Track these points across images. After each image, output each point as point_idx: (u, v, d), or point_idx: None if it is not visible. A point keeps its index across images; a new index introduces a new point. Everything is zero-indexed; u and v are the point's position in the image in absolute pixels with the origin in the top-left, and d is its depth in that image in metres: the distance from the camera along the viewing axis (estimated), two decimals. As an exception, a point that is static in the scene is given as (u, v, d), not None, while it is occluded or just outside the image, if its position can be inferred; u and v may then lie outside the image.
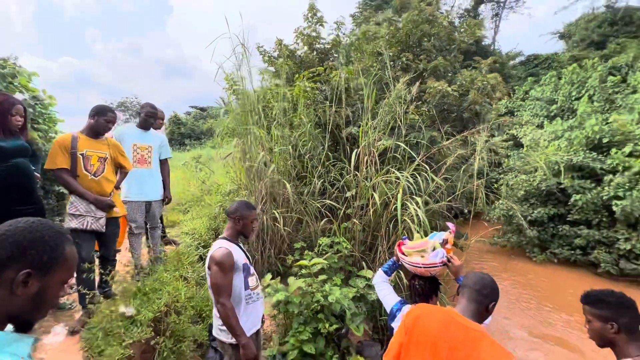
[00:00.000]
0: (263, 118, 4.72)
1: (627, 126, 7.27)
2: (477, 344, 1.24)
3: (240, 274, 1.94)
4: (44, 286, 0.75)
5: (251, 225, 2.05)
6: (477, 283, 1.43)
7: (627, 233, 6.57)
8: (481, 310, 1.40)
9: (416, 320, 1.39)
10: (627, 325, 1.41)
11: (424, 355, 1.31)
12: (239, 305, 1.93)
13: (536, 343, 4.65)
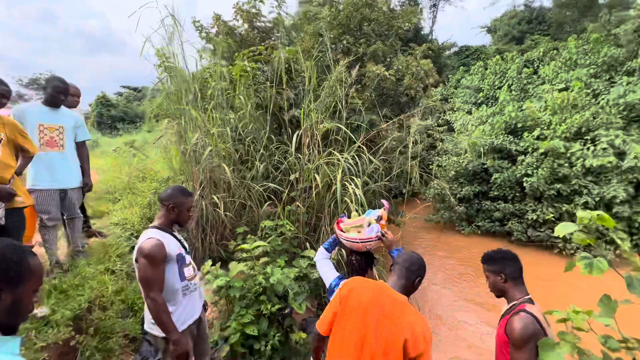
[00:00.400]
0: (200, 98, 4.44)
1: (537, 113, 8.33)
2: (402, 313, 1.43)
3: (174, 265, 1.83)
4: (17, 297, 0.85)
5: (187, 213, 1.93)
6: (407, 261, 1.59)
7: (534, 205, 7.65)
8: (408, 285, 1.55)
9: (351, 291, 1.52)
10: (511, 275, 1.71)
11: (355, 321, 1.44)
12: (175, 297, 1.83)
13: (464, 306, 5.26)
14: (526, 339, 1.53)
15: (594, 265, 1.44)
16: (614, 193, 6.66)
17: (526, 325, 1.54)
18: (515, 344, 1.56)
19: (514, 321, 1.59)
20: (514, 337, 1.56)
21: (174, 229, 1.97)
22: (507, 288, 1.73)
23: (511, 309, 1.69)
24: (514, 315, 1.62)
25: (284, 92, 4.83)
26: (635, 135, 7.34)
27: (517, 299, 1.70)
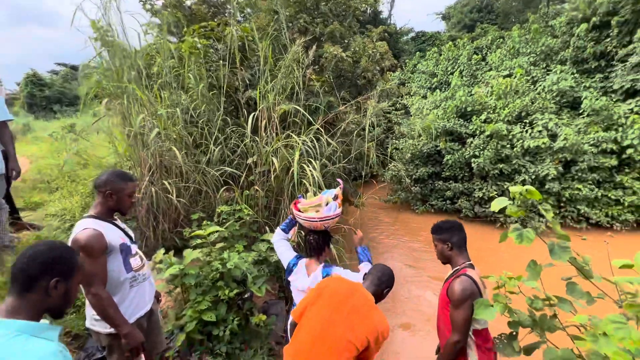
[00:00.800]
0: (145, 77, 4.09)
1: (484, 98, 8.88)
2: (371, 311, 1.59)
3: (117, 256, 1.70)
4: (68, 288, 1.04)
5: (128, 199, 1.78)
6: (379, 271, 1.79)
7: (480, 184, 8.28)
8: (378, 292, 1.72)
9: (327, 283, 1.69)
10: (457, 243, 1.88)
11: (326, 310, 1.57)
12: (121, 290, 1.71)
13: (420, 279, 5.61)
14: (464, 299, 1.69)
15: (523, 235, 1.58)
16: (546, 171, 7.40)
17: (465, 287, 1.70)
18: (455, 303, 1.72)
19: (455, 284, 1.74)
20: (454, 298, 1.72)
21: (114, 218, 1.82)
22: (452, 255, 1.89)
23: (454, 274, 1.84)
24: (455, 279, 1.76)
25: (238, 72, 4.61)
26: (566, 119, 8.16)
27: (459, 265, 1.85)
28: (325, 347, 1.48)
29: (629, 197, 7.24)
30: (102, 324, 1.66)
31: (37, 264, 0.98)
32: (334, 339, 1.49)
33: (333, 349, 1.48)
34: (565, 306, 1.71)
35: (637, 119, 7.27)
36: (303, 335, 1.56)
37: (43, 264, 0.99)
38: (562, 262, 1.54)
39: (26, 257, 0.99)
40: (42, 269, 0.98)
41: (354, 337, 1.49)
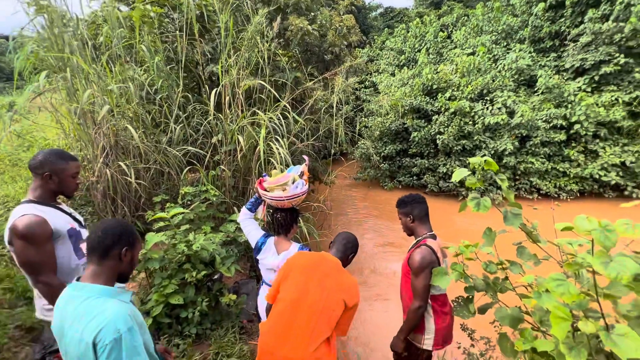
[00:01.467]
0: (92, 49, 3.71)
1: (449, 75, 9.09)
2: (340, 274, 1.69)
3: (66, 242, 1.57)
4: (133, 254, 1.24)
5: (72, 180, 1.63)
6: (344, 239, 1.87)
7: (445, 160, 8.63)
8: (343, 258, 1.81)
9: (295, 258, 1.76)
10: (418, 215, 1.97)
11: (300, 279, 1.63)
12: (72, 277, 1.57)
13: (388, 252, 5.85)
14: (423, 268, 1.79)
15: (480, 203, 1.66)
16: (504, 146, 7.84)
17: (424, 256, 1.80)
18: (415, 272, 1.82)
19: (415, 253, 1.84)
20: (414, 267, 1.82)
21: (58, 202, 1.67)
22: (414, 227, 1.98)
23: (416, 244, 1.93)
24: (416, 249, 1.85)
25: (198, 44, 4.31)
26: (523, 96, 8.59)
27: (421, 235, 1.94)
28: (303, 314, 1.53)
29: (575, 169, 7.90)
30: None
31: (110, 236, 1.17)
32: (310, 305, 1.55)
33: (311, 314, 1.53)
34: (515, 268, 1.86)
35: (584, 96, 7.82)
36: (280, 307, 1.59)
37: (114, 235, 1.18)
38: (514, 228, 1.65)
39: (100, 230, 1.18)
40: (114, 240, 1.18)
41: (330, 301, 1.57)
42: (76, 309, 1.10)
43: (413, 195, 2.04)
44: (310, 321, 1.53)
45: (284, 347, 1.51)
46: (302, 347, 1.50)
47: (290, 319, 1.55)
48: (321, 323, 1.55)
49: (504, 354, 1.62)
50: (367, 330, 3.78)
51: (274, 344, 1.53)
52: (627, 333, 1.06)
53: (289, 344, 1.51)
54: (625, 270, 1.09)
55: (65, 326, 1.11)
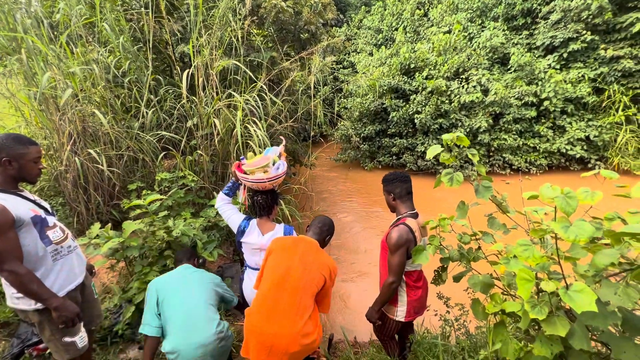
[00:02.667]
0: (49, 28, 3.43)
1: (426, 54, 9.11)
2: (319, 253, 1.78)
3: (30, 230, 1.51)
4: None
5: (34, 165, 1.57)
6: (320, 222, 1.93)
7: (423, 139, 8.79)
8: (320, 240, 1.87)
9: (274, 243, 1.82)
10: (399, 193, 2.00)
11: (281, 259, 1.70)
12: (42, 265, 1.55)
13: (368, 231, 6.00)
14: (399, 246, 1.85)
15: (453, 178, 1.73)
16: (479, 124, 8.07)
17: (400, 235, 1.85)
18: (391, 249, 1.89)
19: (392, 231, 1.89)
20: (390, 244, 1.88)
21: (20, 189, 1.60)
22: (395, 205, 2.02)
23: (396, 222, 1.98)
24: (393, 227, 1.91)
25: (166, 23, 4.08)
26: (497, 74, 8.78)
27: (402, 214, 1.99)
28: (287, 292, 1.61)
29: (544, 144, 8.28)
30: (26, 301, 1.52)
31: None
32: (294, 282, 1.63)
33: (295, 291, 1.61)
34: (487, 238, 1.96)
35: (553, 73, 8.10)
36: (265, 287, 1.65)
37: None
38: (485, 200, 1.73)
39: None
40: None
41: (312, 277, 1.66)
42: None
43: (398, 173, 2.05)
44: (295, 297, 1.59)
45: (273, 325, 1.55)
46: (290, 324, 1.55)
47: (276, 298, 1.59)
48: (305, 298, 1.62)
49: (476, 317, 1.74)
50: (349, 305, 3.92)
51: (262, 323, 1.57)
52: (583, 289, 1.16)
53: (277, 321, 1.56)
54: (583, 232, 1.17)
55: None
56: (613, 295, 1.18)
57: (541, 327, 1.52)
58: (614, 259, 1.22)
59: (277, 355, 1.54)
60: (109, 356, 2.23)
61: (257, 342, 1.56)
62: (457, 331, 2.30)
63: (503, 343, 1.62)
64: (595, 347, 1.70)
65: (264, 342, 1.54)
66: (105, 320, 2.39)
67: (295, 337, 1.54)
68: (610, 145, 8.22)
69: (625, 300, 1.15)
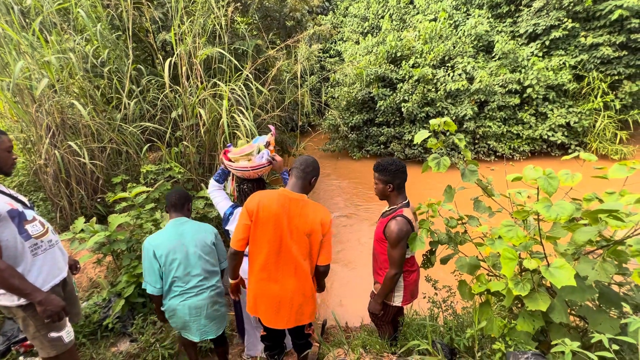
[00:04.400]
0: (19, 15, 3.25)
1: (412, 42, 9.10)
2: (305, 209, 1.69)
3: (8, 224, 1.46)
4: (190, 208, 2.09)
5: (7, 155, 1.52)
6: (302, 163, 1.75)
7: (410, 127, 8.86)
8: (305, 184, 1.74)
9: (258, 205, 1.66)
10: (398, 185, 1.96)
11: (268, 228, 1.64)
12: (23, 260, 1.51)
13: (357, 221, 6.06)
14: (400, 239, 1.84)
15: (440, 162, 1.76)
16: (465, 112, 8.17)
17: (401, 228, 1.84)
18: (393, 243, 1.87)
19: (392, 225, 1.86)
20: (392, 238, 1.85)
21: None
22: (391, 195, 1.98)
23: (391, 212, 1.97)
24: (392, 219, 1.88)
25: (146, 9, 3.93)
26: (481, 62, 8.87)
27: (397, 204, 1.97)
28: (284, 258, 1.68)
29: (527, 131, 8.47)
30: (8, 297, 1.49)
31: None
32: (287, 249, 1.66)
33: (290, 257, 1.67)
34: (473, 222, 2.02)
35: (536, 61, 8.23)
36: (261, 260, 1.67)
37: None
38: (471, 183, 1.78)
39: None
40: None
41: (301, 243, 1.67)
42: None
43: (396, 163, 1.94)
44: (291, 261, 1.67)
45: (276, 285, 1.69)
46: (291, 281, 1.69)
47: (275, 263, 1.67)
48: (300, 260, 1.69)
49: (463, 297, 1.80)
50: (340, 292, 3.99)
51: (268, 286, 1.70)
52: (563, 265, 1.22)
53: (279, 282, 1.69)
54: (564, 211, 1.22)
55: None
56: (591, 270, 1.24)
57: (524, 304, 1.58)
58: (592, 235, 1.27)
59: (285, 308, 1.71)
60: (100, 350, 2.21)
61: (266, 302, 1.71)
62: (444, 312, 2.37)
63: (488, 321, 1.69)
64: (573, 321, 1.79)
65: (272, 300, 1.70)
66: (94, 314, 2.36)
67: (296, 292, 1.70)
68: (590, 131, 8.49)
69: (602, 274, 1.21)
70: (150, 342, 2.23)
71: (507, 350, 1.47)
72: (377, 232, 2.04)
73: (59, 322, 1.57)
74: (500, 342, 1.54)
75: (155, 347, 2.21)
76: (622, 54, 7.93)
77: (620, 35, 7.85)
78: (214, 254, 1.98)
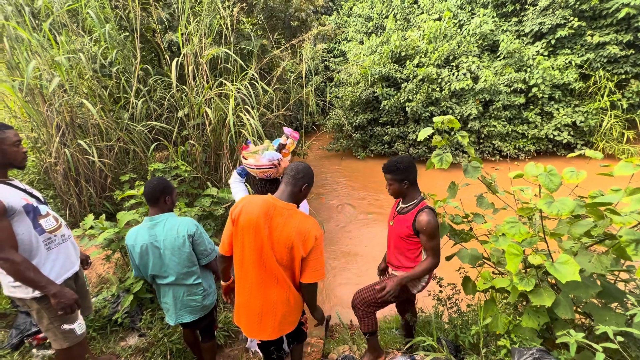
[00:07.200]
0: (30, 16, 3.32)
1: (416, 41, 9.09)
2: (289, 220, 1.51)
3: (23, 219, 1.51)
4: (174, 200, 1.96)
5: (15, 149, 1.54)
6: (293, 170, 1.59)
7: (414, 127, 8.85)
8: (296, 191, 1.57)
9: (240, 211, 1.54)
10: (413, 179, 1.93)
11: (248, 236, 1.50)
12: (37, 254, 1.56)
13: (362, 219, 6.08)
14: (437, 228, 1.82)
15: (443, 159, 1.78)
16: (469, 111, 8.15)
17: (435, 218, 1.82)
18: (430, 234, 1.81)
19: (423, 217, 1.82)
20: (429, 229, 1.80)
21: (10, 178, 1.59)
22: (408, 192, 1.95)
23: (412, 207, 1.92)
24: (420, 212, 1.85)
25: (153, 10, 3.98)
26: (486, 61, 8.84)
27: (416, 198, 1.94)
28: (264, 269, 1.53)
29: (532, 130, 8.42)
30: (23, 289, 1.53)
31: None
32: (268, 260, 1.51)
33: (271, 268, 1.53)
34: (478, 219, 2.03)
35: (542, 60, 8.18)
36: (245, 268, 1.56)
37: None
38: (474, 180, 1.79)
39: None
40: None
41: (283, 254, 1.51)
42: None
43: (405, 159, 1.91)
44: (272, 272, 1.54)
45: (257, 298, 1.57)
46: (272, 293, 1.56)
47: (256, 274, 1.55)
48: (281, 271, 1.54)
49: (466, 293, 1.82)
50: (345, 291, 4.01)
51: (248, 298, 1.58)
52: (567, 261, 1.23)
53: (261, 294, 1.56)
54: (565, 207, 1.24)
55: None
56: (587, 262, 1.25)
57: (528, 301, 1.59)
58: (588, 227, 1.28)
59: (268, 318, 1.59)
60: (110, 344, 2.25)
61: (247, 313, 1.60)
62: (449, 309, 2.39)
63: (493, 318, 1.70)
64: (579, 319, 1.80)
65: (253, 311, 1.59)
66: (104, 309, 2.41)
67: (279, 302, 1.57)
68: (596, 131, 8.41)
69: (598, 266, 1.22)
70: (158, 337, 2.27)
71: (512, 347, 1.49)
72: (402, 228, 1.95)
73: (71, 314, 1.61)
74: (505, 338, 1.55)
75: (163, 342, 2.25)
76: (629, 52, 7.85)
77: (627, 34, 7.77)
78: (188, 255, 1.81)
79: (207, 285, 1.98)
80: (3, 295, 2.20)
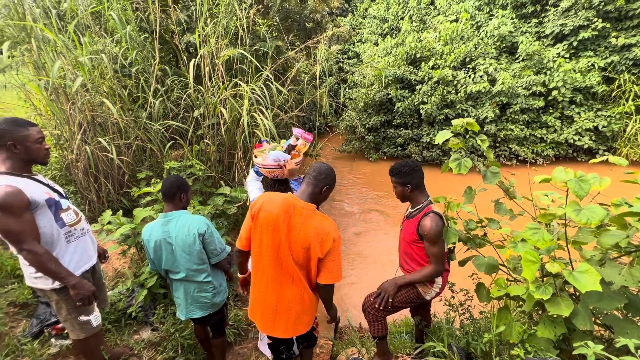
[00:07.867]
0: (56, 17, 3.45)
1: (432, 43, 8.98)
2: (308, 220, 1.51)
3: (46, 212, 1.56)
4: (189, 198, 2.02)
5: (38, 145, 1.59)
6: (315, 170, 1.59)
7: (428, 130, 8.73)
8: (316, 192, 1.56)
9: (260, 207, 1.55)
10: (416, 184, 1.92)
11: (267, 232, 1.52)
12: (57, 246, 1.61)
13: (373, 220, 6.04)
14: (439, 235, 1.81)
15: (461, 164, 1.74)
16: (485, 114, 7.99)
17: (437, 224, 1.80)
18: (432, 240, 1.81)
19: (426, 222, 1.81)
20: (431, 235, 1.80)
21: (34, 172, 1.65)
22: (412, 196, 1.95)
23: (418, 211, 1.92)
24: (424, 217, 1.84)
25: (172, 12, 4.08)
26: (504, 63, 8.64)
27: (422, 203, 1.93)
28: (281, 267, 1.54)
29: (551, 134, 8.18)
30: (44, 280, 1.59)
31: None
32: (284, 258, 1.52)
33: (287, 266, 1.53)
34: (493, 225, 1.98)
35: (562, 62, 7.95)
36: (262, 265, 1.57)
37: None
38: (492, 185, 1.75)
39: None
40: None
41: (300, 254, 1.51)
42: None
43: (409, 164, 1.92)
44: (288, 270, 1.54)
45: (273, 294, 1.58)
46: (288, 290, 1.57)
47: (272, 271, 1.56)
48: (297, 270, 1.54)
49: (480, 300, 1.77)
50: (356, 292, 3.99)
51: (264, 294, 1.60)
52: (587, 270, 1.18)
53: (276, 290, 1.57)
54: (595, 216, 1.19)
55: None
56: (617, 275, 1.20)
57: (545, 310, 1.54)
58: (620, 239, 1.23)
59: (282, 316, 1.60)
60: (124, 337, 2.31)
61: (262, 308, 1.63)
62: (461, 316, 2.34)
63: (507, 326, 1.65)
64: (598, 331, 1.73)
65: (268, 307, 1.61)
66: (119, 302, 2.47)
67: (294, 300, 1.58)
68: (619, 136, 8.10)
69: (630, 280, 1.17)
70: (170, 331, 2.31)
71: (526, 357, 1.44)
72: (408, 233, 1.96)
73: (89, 305, 1.66)
74: (519, 348, 1.51)
75: (175, 337, 2.29)
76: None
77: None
78: (198, 253, 1.86)
79: (217, 283, 2.02)
80: (25, 285, 2.29)
